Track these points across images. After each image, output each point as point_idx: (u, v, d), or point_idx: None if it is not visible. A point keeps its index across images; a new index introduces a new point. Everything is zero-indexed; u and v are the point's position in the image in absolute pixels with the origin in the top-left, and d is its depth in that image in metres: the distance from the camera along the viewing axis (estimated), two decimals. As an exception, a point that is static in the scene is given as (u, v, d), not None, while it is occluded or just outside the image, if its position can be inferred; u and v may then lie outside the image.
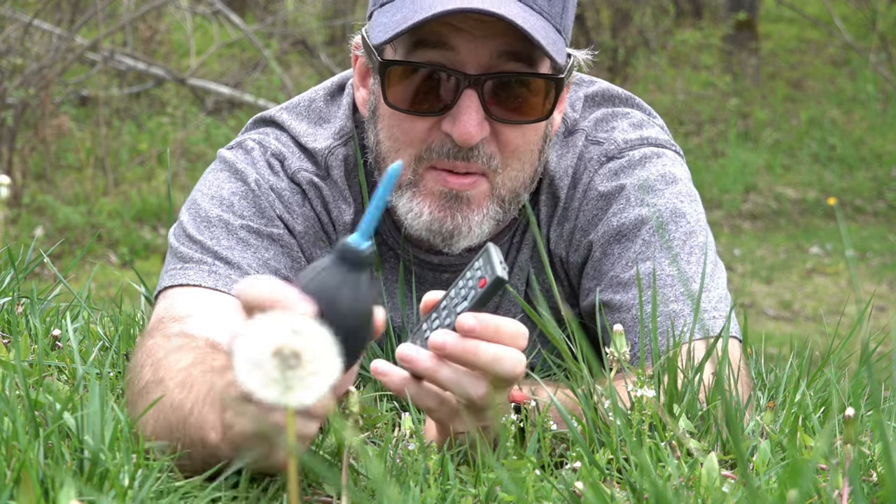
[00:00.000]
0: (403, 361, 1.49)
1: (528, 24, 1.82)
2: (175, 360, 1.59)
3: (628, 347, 1.93)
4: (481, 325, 1.45)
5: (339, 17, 12.28)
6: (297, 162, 2.05)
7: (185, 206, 2.03)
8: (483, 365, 1.46)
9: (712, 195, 10.44)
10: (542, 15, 1.87)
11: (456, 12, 1.81)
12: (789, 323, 7.98)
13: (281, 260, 1.98)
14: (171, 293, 1.90)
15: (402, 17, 1.85)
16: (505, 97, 1.89)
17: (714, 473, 1.41)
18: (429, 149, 1.91)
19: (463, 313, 1.46)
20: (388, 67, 1.90)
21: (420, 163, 1.93)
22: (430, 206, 1.94)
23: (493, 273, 1.46)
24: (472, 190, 1.93)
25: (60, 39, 9.35)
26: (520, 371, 1.48)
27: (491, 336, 1.46)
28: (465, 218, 1.95)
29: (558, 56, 1.86)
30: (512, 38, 1.84)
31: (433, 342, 1.46)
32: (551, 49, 1.84)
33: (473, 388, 1.47)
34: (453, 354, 1.47)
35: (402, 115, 1.91)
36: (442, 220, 1.94)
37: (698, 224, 2.03)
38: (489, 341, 1.46)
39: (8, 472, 1.31)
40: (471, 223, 1.95)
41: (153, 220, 8.96)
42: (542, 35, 1.83)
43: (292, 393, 1.04)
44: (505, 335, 1.47)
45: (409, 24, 1.82)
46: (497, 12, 1.79)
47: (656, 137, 2.10)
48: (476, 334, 1.45)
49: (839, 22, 13.35)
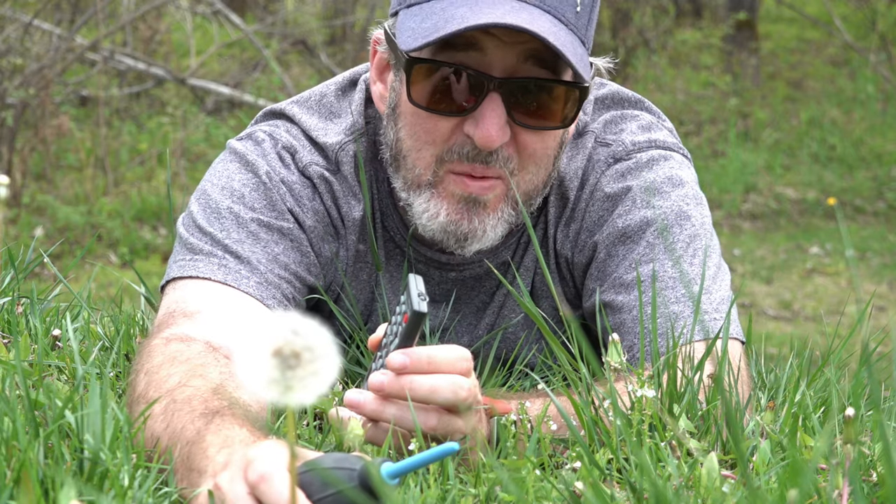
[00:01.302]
0: (351, 407, 1.52)
1: (559, 40, 1.82)
2: (165, 375, 1.62)
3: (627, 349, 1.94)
4: (412, 360, 1.47)
5: (339, 17, 12.28)
6: (308, 155, 2.05)
7: (194, 196, 2.03)
8: (421, 398, 1.48)
9: (712, 195, 10.43)
10: (569, 27, 1.87)
11: (489, 26, 1.81)
12: (789, 323, 7.98)
13: (290, 255, 1.98)
14: (180, 284, 1.91)
15: (432, 26, 1.85)
16: (528, 102, 1.89)
17: (714, 473, 1.41)
18: (450, 150, 1.91)
19: (393, 352, 1.49)
20: (415, 65, 1.90)
21: (441, 164, 1.93)
22: (447, 208, 1.95)
23: (411, 307, 1.48)
24: (489, 194, 1.94)
25: (60, 39, 9.35)
26: (463, 395, 1.48)
27: (424, 369, 1.47)
28: (482, 221, 1.95)
29: (583, 70, 1.86)
30: (538, 44, 1.84)
31: (371, 385, 1.50)
32: (578, 63, 1.84)
33: (422, 420, 1.49)
34: (391, 393, 1.50)
35: (425, 114, 1.91)
36: (458, 221, 1.95)
37: (703, 227, 2.03)
38: (425, 373, 1.47)
39: (8, 472, 1.31)
40: (486, 226, 1.95)
41: (153, 220, 8.96)
42: (569, 50, 1.83)
43: (292, 393, 1.04)
44: (441, 364, 1.48)
45: (440, 34, 1.82)
46: (528, 28, 1.79)
47: (664, 140, 2.11)
48: (408, 370, 1.46)
49: (839, 22, 13.35)
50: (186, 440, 1.44)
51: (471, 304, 2.15)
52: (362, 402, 1.51)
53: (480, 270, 2.12)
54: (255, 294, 1.89)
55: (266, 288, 1.91)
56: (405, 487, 1.42)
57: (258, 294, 1.89)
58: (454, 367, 1.48)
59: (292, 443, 1.07)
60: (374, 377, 1.51)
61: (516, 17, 1.80)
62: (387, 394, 1.50)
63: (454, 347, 1.51)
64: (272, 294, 1.91)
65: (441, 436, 1.50)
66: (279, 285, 1.93)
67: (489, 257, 2.09)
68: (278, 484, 1.25)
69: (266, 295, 1.90)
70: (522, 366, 2.10)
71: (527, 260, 2.11)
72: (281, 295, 1.93)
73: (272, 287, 1.92)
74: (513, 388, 2.05)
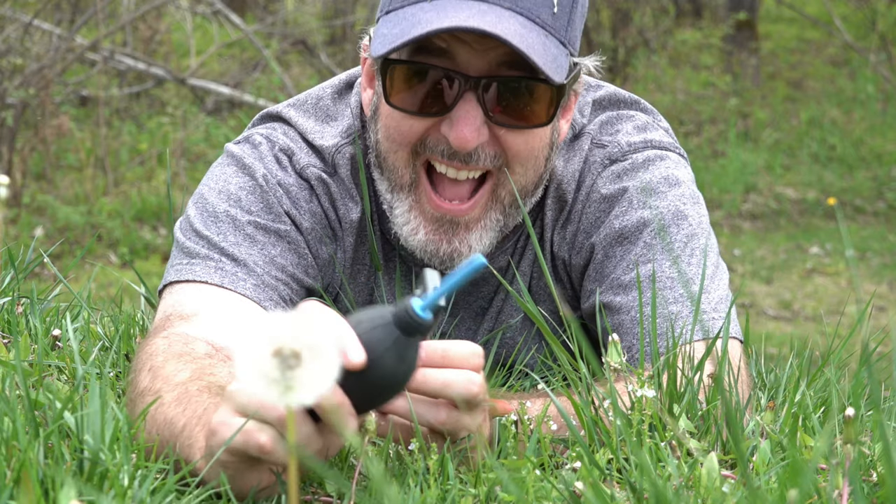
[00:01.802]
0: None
1: (526, 42, 1.80)
2: (173, 370, 1.61)
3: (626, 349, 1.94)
4: (427, 354, 1.45)
5: (339, 17, 12.28)
6: (305, 158, 2.05)
7: (191, 200, 2.03)
8: (433, 392, 1.46)
9: (712, 195, 10.43)
10: (546, 28, 1.85)
11: (453, 30, 1.80)
12: (789, 323, 7.98)
13: (287, 256, 1.98)
14: (177, 288, 1.91)
15: (399, 31, 1.84)
16: (505, 102, 1.89)
17: (714, 473, 1.41)
18: (423, 144, 1.91)
19: None
20: (390, 67, 1.90)
21: (416, 157, 1.93)
22: (425, 227, 1.95)
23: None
24: (466, 215, 1.93)
25: (60, 39, 9.35)
26: (475, 391, 1.47)
27: (438, 362, 1.46)
28: (463, 240, 1.95)
29: (555, 73, 1.84)
30: (508, 49, 1.84)
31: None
32: (549, 66, 1.82)
33: (432, 414, 1.48)
34: (400, 412, 1.48)
35: (401, 115, 1.91)
36: (437, 242, 1.95)
37: (700, 227, 2.03)
38: (438, 367, 1.46)
39: (8, 472, 1.31)
40: (470, 243, 1.95)
41: (153, 220, 8.96)
42: (538, 53, 1.81)
43: (292, 393, 1.04)
44: (454, 359, 1.47)
45: (405, 38, 1.82)
46: (492, 32, 1.78)
47: (660, 140, 2.10)
48: (422, 363, 1.45)
49: (839, 22, 13.35)
50: (209, 418, 1.42)
51: (469, 310, 2.15)
52: None
53: (477, 275, 2.11)
54: (253, 296, 1.89)
55: (263, 290, 1.91)
56: (405, 487, 1.42)
57: (255, 296, 1.89)
58: (467, 363, 1.47)
59: (293, 443, 1.07)
60: None
61: (481, 20, 1.79)
62: None
63: (467, 343, 1.49)
64: (269, 296, 1.91)
65: (449, 431, 1.49)
66: (276, 287, 1.93)
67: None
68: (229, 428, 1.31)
69: (263, 297, 1.90)
70: (522, 366, 2.10)
71: (523, 264, 2.11)
72: (278, 297, 1.93)
73: (269, 289, 1.92)
74: (512, 389, 2.05)
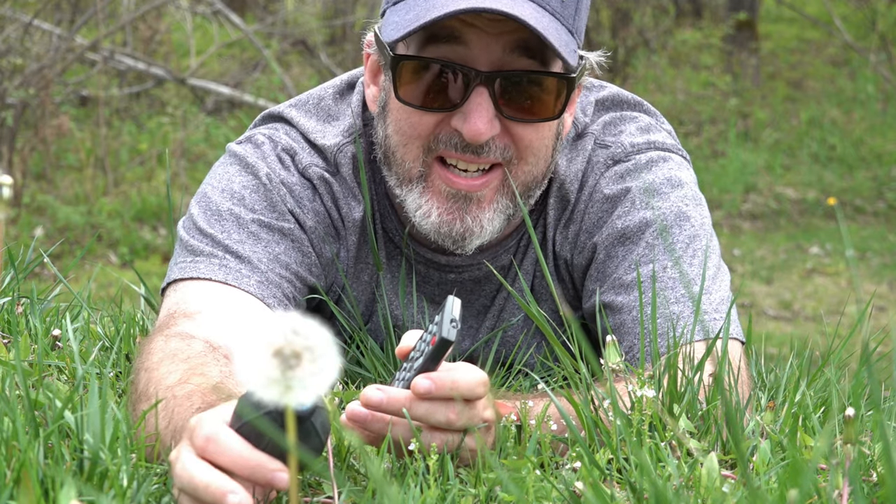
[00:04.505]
0: (370, 408, 1.48)
1: (541, 24, 1.82)
2: (165, 372, 1.61)
3: (628, 349, 1.93)
4: (436, 385, 1.45)
5: (339, 17, 12.28)
6: (307, 157, 2.06)
7: (194, 199, 2.03)
8: (435, 424, 1.46)
9: (712, 195, 10.43)
10: (555, 16, 1.86)
11: (469, 11, 1.80)
12: (789, 323, 7.98)
13: (291, 254, 1.98)
14: (181, 286, 1.91)
15: (414, 16, 1.85)
16: (516, 95, 1.89)
17: (714, 473, 1.41)
18: (436, 139, 1.92)
19: (417, 376, 1.46)
20: (400, 62, 1.90)
21: (428, 153, 1.93)
22: (438, 208, 1.94)
23: (440, 332, 1.46)
24: (482, 190, 1.93)
25: (60, 39, 9.34)
26: (478, 420, 1.48)
27: (447, 395, 1.46)
28: (476, 218, 1.95)
29: (569, 56, 1.86)
30: (524, 34, 1.84)
31: (393, 404, 1.46)
32: (563, 49, 1.84)
33: (442, 413, 1.47)
34: (415, 416, 1.46)
35: (412, 110, 1.91)
36: (451, 222, 1.95)
37: (702, 228, 2.03)
38: (447, 398, 1.46)
39: (8, 472, 1.31)
40: (482, 221, 1.95)
41: (153, 220, 8.96)
42: (553, 35, 1.83)
43: (292, 393, 1.04)
44: (462, 388, 1.46)
45: (421, 22, 1.82)
46: (509, 12, 1.79)
47: (663, 142, 2.11)
48: (433, 395, 1.45)
49: (839, 22, 13.35)
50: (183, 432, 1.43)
51: (471, 308, 2.15)
52: (376, 417, 1.47)
53: (479, 273, 2.12)
54: (256, 293, 1.89)
55: (267, 287, 1.91)
56: (405, 487, 1.42)
57: (259, 293, 1.89)
58: (473, 393, 1.47)
59: (293, 443, 1.07)
60: (395, 400, 1.46)
61: (498, 3, 1.80)
62: (412, 413, 1.46)
63: (474, 371, 1.48)
64: (273, 293, 1.91)
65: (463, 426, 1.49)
66: (280, 284, 1.93)
67: (488, 260, 2.09)
68: (224, 440, 1.26)
69: (267, 294, 1.90)
70: (521, 366, 2.10)
71: (526, 263, 2.11)
72: (282, 294, 1.93)
73: (273, 286, 1.92)
74: (512, 388, 2.05)
